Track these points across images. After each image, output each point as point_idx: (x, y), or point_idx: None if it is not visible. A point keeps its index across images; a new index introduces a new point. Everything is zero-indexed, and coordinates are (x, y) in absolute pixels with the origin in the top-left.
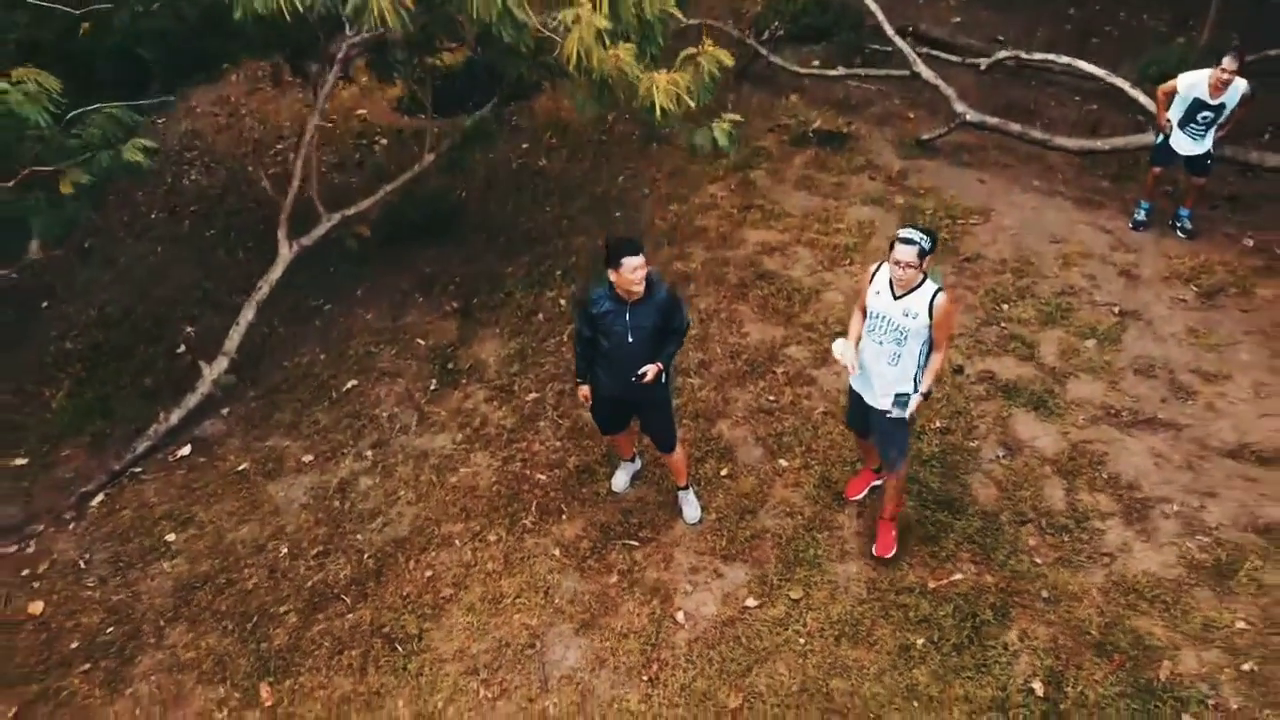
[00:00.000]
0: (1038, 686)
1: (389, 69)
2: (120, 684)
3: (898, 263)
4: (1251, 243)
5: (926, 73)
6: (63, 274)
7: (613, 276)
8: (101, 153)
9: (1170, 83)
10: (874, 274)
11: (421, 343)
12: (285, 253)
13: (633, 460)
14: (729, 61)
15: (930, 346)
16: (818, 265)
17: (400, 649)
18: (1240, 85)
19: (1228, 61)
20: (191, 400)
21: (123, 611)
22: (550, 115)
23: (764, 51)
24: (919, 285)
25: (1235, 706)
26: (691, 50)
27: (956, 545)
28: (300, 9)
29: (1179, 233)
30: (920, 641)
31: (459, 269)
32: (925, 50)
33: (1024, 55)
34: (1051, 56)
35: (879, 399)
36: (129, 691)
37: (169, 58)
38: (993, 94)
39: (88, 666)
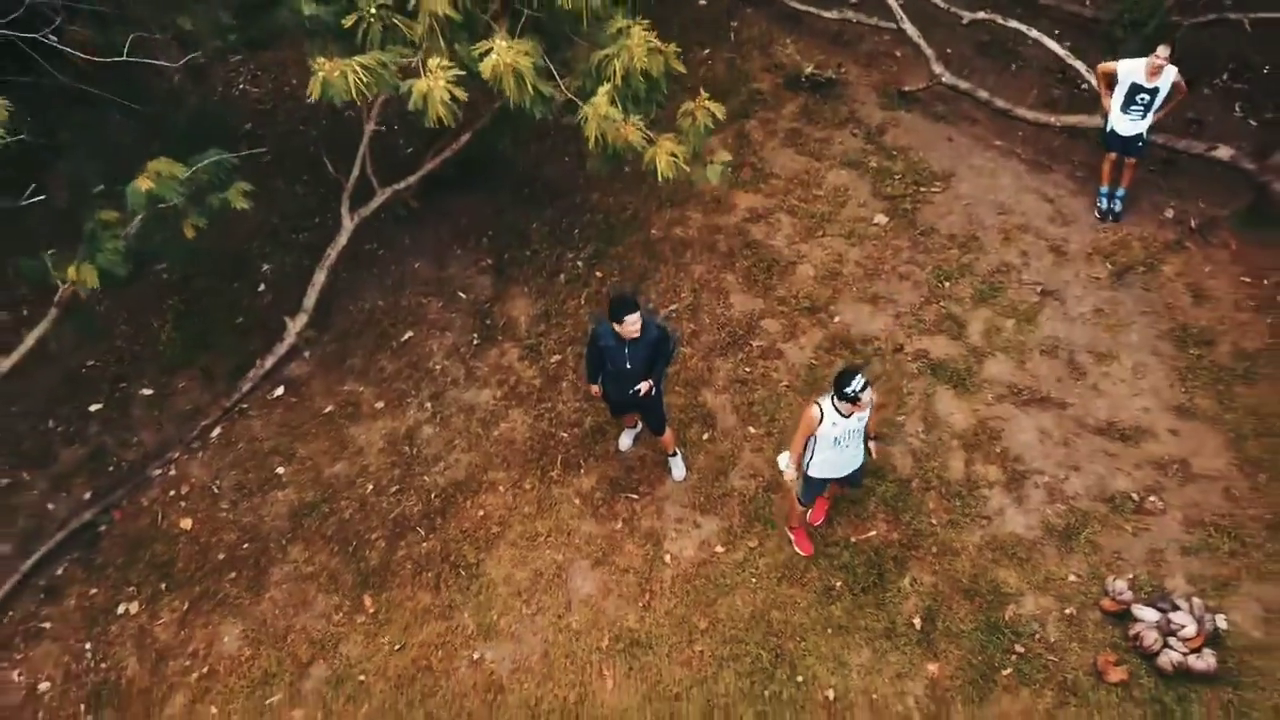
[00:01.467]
0: (917, 621)
1: None
2: (260, 589)
3: (857, 402)
4: (1171, 214)
5: (911, 30)
6: None
7: (615, 326)
8: (213, 195)
9: (1110, 64)
10: (821, 414)
11: (463, 296)
12: (347, 224)
13: (635, 426)
14: (721, 115)
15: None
16: (795, 236)
17: (463, 573)
18: (1172, 71)
19: (1161, 50)
20: (281, 349)
21: (252, 531)
22: None
23: None
24: None
25: (1054, 638)
26: (689, 105)
27: (875, 507)
28: (369, 96)
29: (1098, 212)
30: (839, 584)
31: (490, 221)
32: None
33: (1000, 20)
34: (1023, 28)
35: (853, 465)
36: (268, 596)
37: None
38: (973, 45)
39: (234, 574)
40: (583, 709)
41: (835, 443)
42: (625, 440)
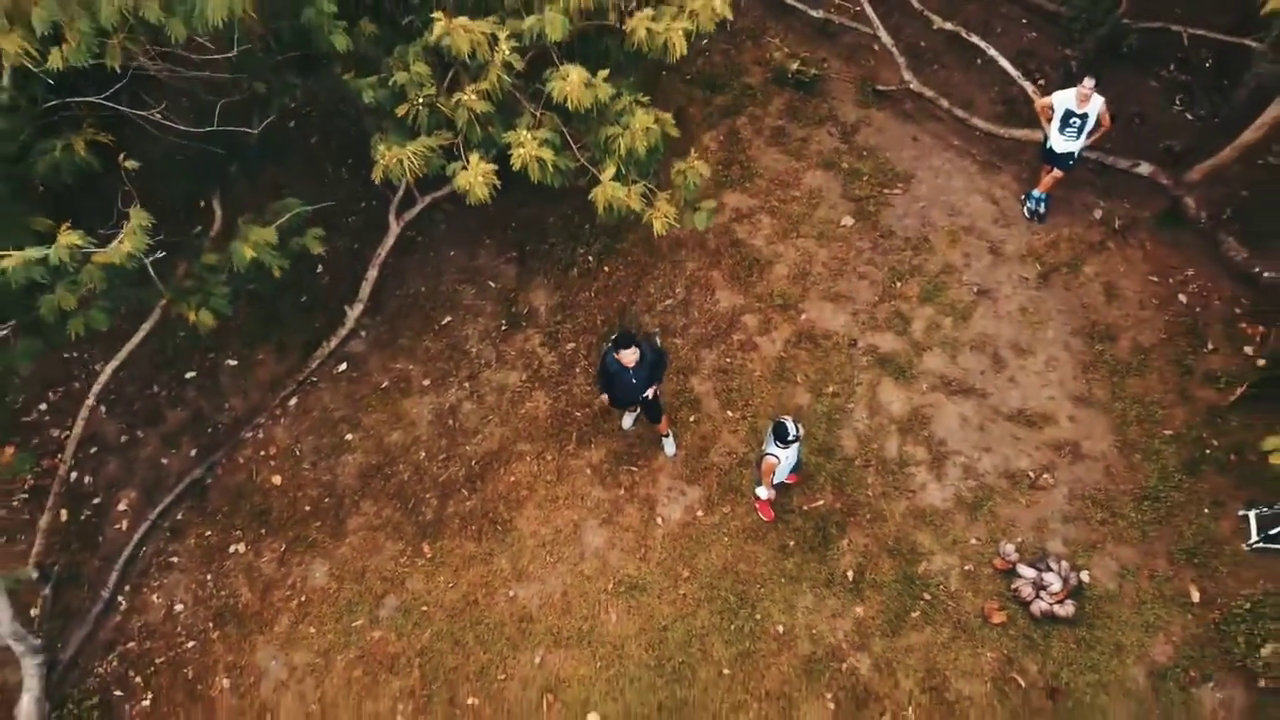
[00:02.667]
0: (850, 574)
1: None
2: (340, 536)
3: (797, 441)
4: (1099, 214)
5: (886, 39)
6: None
7: (617, 355)
8: (294, 240)
9: (1046, 99)
10: (777, 459)
11: (492, 285)
12: (394, 228)
13: (635, 410)
14: (707, 173)
15: None
16: (774, 236)
17: (499, 528)
18: (1099, 101)
19: (1087, 81)
20: (343, 332)
21: (330, 487)
22: None
23: None
24: None
25: (954, 588)
26: (682, 165)
27: (824, 481)
28: (420, 176)
29: (1027, 212)
30: (791, 543)
31: (511, 212)
32: None
33: (963, 33)
34: (982, 44)
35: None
36: (346, 541)
37: None
38: (944, 40)
39: (319, 523)
40: (593, 636)
41: (787, 465)
42: (627, 420)
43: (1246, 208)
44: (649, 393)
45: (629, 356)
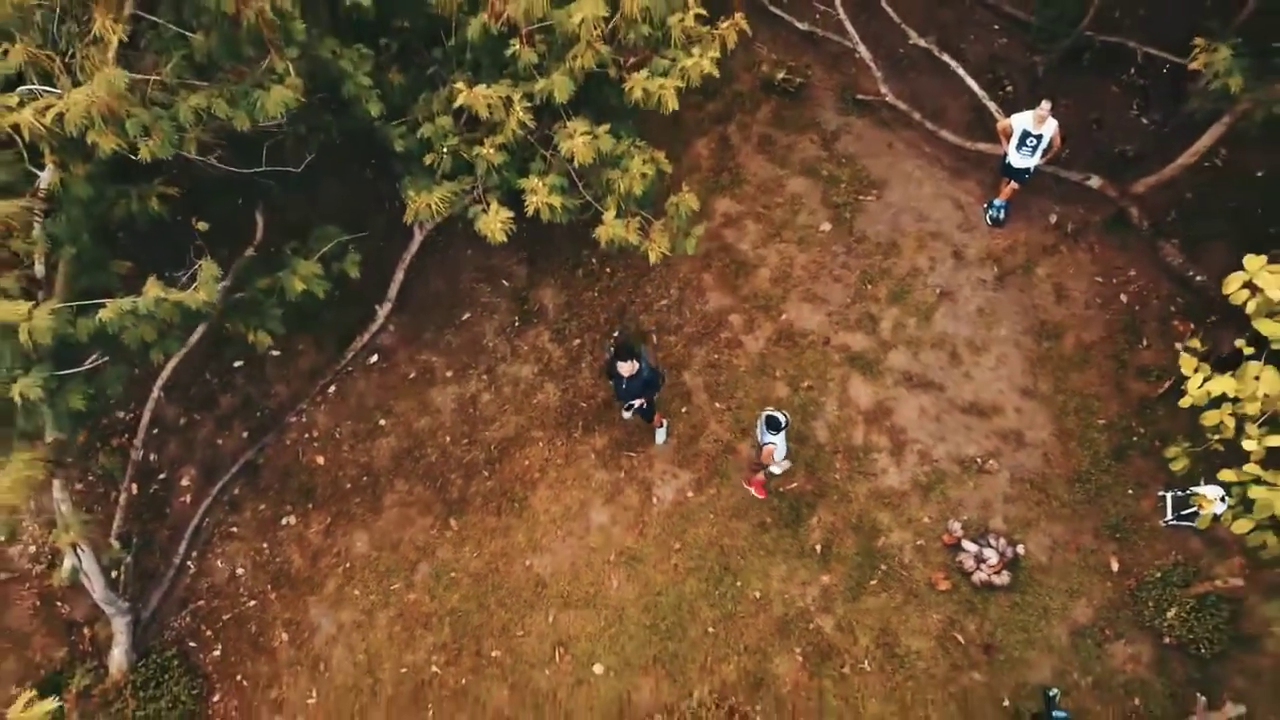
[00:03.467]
0: (818, 548)
1: None
2: (378, 510)
3: (786, 428)
4: (1054, 219)
5: (865, 54)
6: None
7: (618, 364)
8: (333, 263)
9: (1005, 121)
10: (775, 444)
11: (505, 283)
12: (418, 235)
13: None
14: (696, 206)
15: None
16: (758, 240)
17: (516, 505)
18: (1053, 124)
19: (1044, 104)
20: (374, 327)
21: (367, 468)
22: None
23: None
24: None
25: (908, 560)
26: (674, 199)
27: (799, 465)
28: (445, 214)
29: (988, 219)
30: (769, 520)
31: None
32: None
33: (935, 50)
34: (953, 64)
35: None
36: (383, 515)
37: None
38: (922, 48)
39: (359, 499)
40: (597, 599)
41: (781, 449)
42: (627, 411)
43: (1184, 216)
44: (636, 403)
45: (626, 368)
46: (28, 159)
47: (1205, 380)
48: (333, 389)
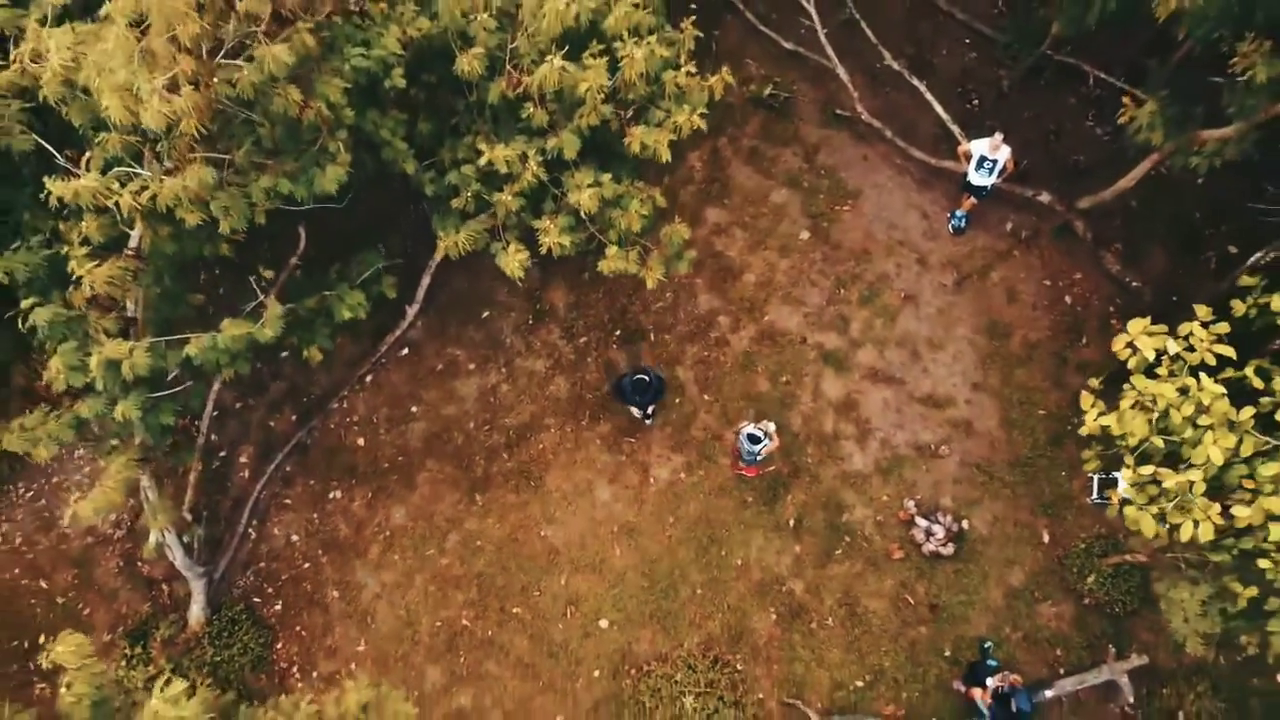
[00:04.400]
0: (792, 522)
1: None
2: (412, 487)
3: (766, 434)
4: (1010, 225)
5: (844, 75)
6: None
7: (636, 387)
8: (371, 286)
9: (965, 145)
10: (745, 437)
11: (519, 283)
12: (441, 245)
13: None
14: (686, 235)
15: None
16: (745, 248)
17: (533, 484)
18: (1006, 150)
19: (997, 135)
20: (403, 324)
21: (402, 449)
22: None
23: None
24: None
25: (868, 533)
26: (668, 228)
27: (776, 452)
28: (470, 249)
29: (951, 229)
30: (750, 498)
31: None
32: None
33: (906, 74)
34: (921, 88)
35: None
36: (417, 491)
37: None
38: (898, 61)
39: (395, 476)
40: (603, 566)
41: (753, 454)
42: (648, 420)
43: (1128, 222)
44: (650, 408)
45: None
46: (121, 221)
47: (1099, 415)
48: (369, 378)
